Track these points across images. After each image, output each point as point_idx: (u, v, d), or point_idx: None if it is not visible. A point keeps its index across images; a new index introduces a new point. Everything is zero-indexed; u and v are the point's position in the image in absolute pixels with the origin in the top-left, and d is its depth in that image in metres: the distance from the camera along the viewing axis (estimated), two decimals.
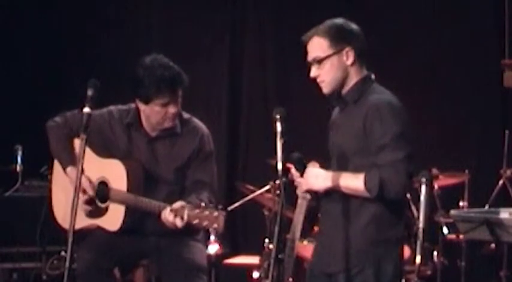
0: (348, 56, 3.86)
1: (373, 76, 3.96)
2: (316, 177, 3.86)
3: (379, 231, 3.86)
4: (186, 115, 4.68)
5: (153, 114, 4.51)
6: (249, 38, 7.66)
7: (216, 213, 4.14)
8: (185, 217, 4.20)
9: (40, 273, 6.22)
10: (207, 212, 4.15)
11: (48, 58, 7.54)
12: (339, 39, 3.85)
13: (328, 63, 3.85)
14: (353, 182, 3.78)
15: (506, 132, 6.22)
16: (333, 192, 3.86)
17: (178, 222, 4.26)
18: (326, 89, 3.89)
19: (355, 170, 3.80)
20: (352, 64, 3.87)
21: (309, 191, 3.94)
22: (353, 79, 3.89)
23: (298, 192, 3.95)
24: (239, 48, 7.66)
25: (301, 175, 3.89)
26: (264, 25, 7.63)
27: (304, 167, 3.88)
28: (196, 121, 4.70)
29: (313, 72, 3.88)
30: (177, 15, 7.66)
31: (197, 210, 4.17)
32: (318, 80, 3.89)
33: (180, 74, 4.50)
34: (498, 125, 6.73)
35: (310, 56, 3.89)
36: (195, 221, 4.18)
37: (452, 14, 6.96)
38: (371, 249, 3.84)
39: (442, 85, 6.93)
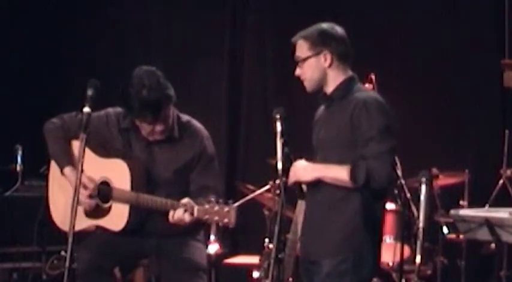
0: (326, 59, 4.06)
1: (356, 77, 4.17)
2: (304, 169, 3.98)
3: (365, 221, 3.99)
4: (184, 117, 4.66)
5: (142, 127, 4.53)
6: (249, 38, 7.65)
7: (227, 208, 4.17)
8: (195, 212, 4.22)
9: (40, 273, 6.22)
10: (217, 207, 4.17)
11: (48, 58, 7.53)
12: (318, 42, 4.07)
13: (306, 64, 4.07)
14: (339, 172, 3.92)
15: (506, 132, 6.21)
16: (319, 183, 3.99)
17: (187, 218, 4.26)
18: (307, 87, 4.11)
19: (340, 162, 3.94)
20: (330, 66, 4.07)
21: (296, 183, 4.03)
22: (337, 79, 4.08)
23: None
24: (239, 48, 7.65)
25: (288, 169, 3.97)
26: (264, 25, 7.63)
27: (291, 162, 3.96)
28: (195, 123, 4.68)
29: (296, 71, 4.11)
30: (177, 15, 7.66)
31: (207, 206, 4.19)
32: (301, 78, 4.11)
33: (165, 96, 4.44)
34: (498, 125, 6.72)
35: (295, 56, 4.11)
36: (206, 217, 4.19)
37: (452, 13, 6.95)
38: (356, 238, 3.97)
39: (442, 85, 6.92)
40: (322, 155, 4.05)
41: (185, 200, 4.29)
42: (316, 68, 4.05)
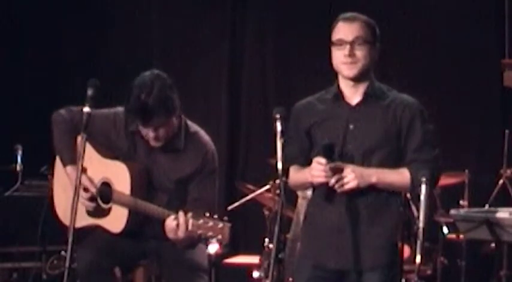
0: (377, 53, 3.93)
1: None
2: (362, 177, 3.81)
3: (400, 225, 3.99)
4: (193, 128, 4.59)
5: (140, 129, 4.46)
6: (249, 38, 7.66)
7: (221, 225, 4.10)
8: (189, 226, 4.18)
9: (40, 273, 6.22)
10: (211, 223, 4.12)
11: (48, 58, 7.54)
12: (377, 34, 3.94)
13: (367, 47, 3.87)
14: (398, 177, 3.86)
15: (506, 132, 6.21)
16: (362, 189, 3.85)
17: (181, 234, 4.23)
18: (355, 70, 3.87)
19: (381, 163, 3.85)
20: (375, 61, 3.94)
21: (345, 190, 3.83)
22: (371, 77, 3.94)
23: (340, 189, 3.82)
24: (239, 48, 7.66)
25: (329, 162, 3.79)
26: (264, 25, 7.63)
27: (332, 153, 3.82)
28: (203, 136, 4.60)
29: (349, 50, 3.85)
30: (177, 15, 7.66)
31: (202, 220, 4.14)
32: (352, 59, 3.86)
33: (161, 106, 4.31)
34: (498, 125, 6.73)
35: (352, 35, 3.86)
36: (200, 231, 4.15)
37: (452, 13, 6.96)
38: (397, 242, 3.95)
39: (442, 85, 6.92)
40: (358, 157, 3.86)
41: (181, 213, 4.26)
42: (372, 57, 3.88)
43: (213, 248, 5.77)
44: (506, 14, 6.76)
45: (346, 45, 3.84)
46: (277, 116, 3.81)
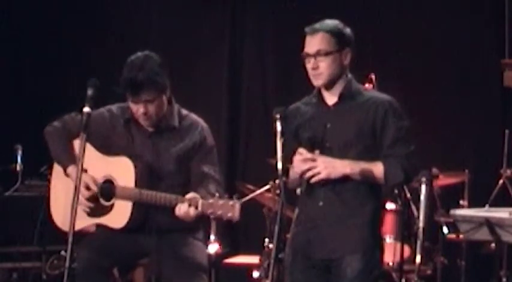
0: (346, 57, 4.10)
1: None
2: (333, 167, 3.97)
3: (379, 218, 4.09)
4: (184, 111, 4.70)
5: (131, 107, 4.54)
6: (249, 37, 7.66)
7: (231, 202, 4.18)
8: (199, 206, 4.23)
9: (40, 273, 6.22)
10: (221, 201, 4.19)
11: (48, 58, 7.54)
12: (343, 39, 4.09)
13: (330, 58, 4.05)
14: (372, 170, 3.97)
15: (506, 132, 6.21)
16: (343, 180, 3.98)
17: (192, 212, 4.26)
18: (321, 80, 4.08)
19: (357, 155, 4.00)
20: (348, 65, 4.11)
21: (319, 180, 3.99)
22: (346, 78, 4.12)
23: (313, 180, 3.98)
24: (239, 48, 7.66)
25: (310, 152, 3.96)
26: (264, 25, 7.63)
27: (314, 145, 3.98)
28: (195, 116, 4.72)
29: (313, 63, 4.06)
30: (177, 15, 7.66)
31: (211, 200, 4.20)
32: (316, 71, 4.06)
33: (149, 80, 4.44)
34: (498, 125, 6.72)
35: (314, 48, 4.06)
36: (210, 210, 4.21)
37: (452, 13, 6.96)
38: (377, 233, 4.07)
39: (442, 85, 6.92)
40: (338, 149, 4.03)
41: (190, 195, 4.31)
42: (337, 64, 4.06)
43: (213, 248, 5.78)
44: (506, 14, 6.77)
45: (311, 58, 4.06)
46: (277, 116, 3.89)
